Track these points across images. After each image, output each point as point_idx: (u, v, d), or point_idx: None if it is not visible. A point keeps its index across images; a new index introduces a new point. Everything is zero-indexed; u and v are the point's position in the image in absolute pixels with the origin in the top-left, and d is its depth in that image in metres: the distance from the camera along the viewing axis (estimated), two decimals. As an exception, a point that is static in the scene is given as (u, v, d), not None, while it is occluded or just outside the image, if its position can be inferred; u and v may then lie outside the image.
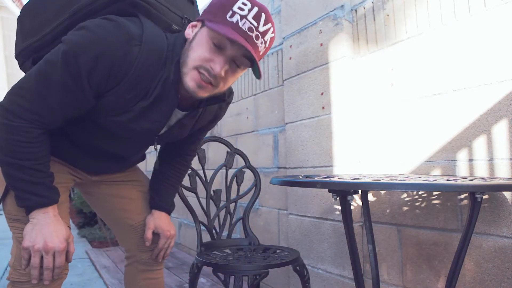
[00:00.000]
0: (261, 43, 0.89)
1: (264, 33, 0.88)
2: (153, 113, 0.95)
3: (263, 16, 0.87)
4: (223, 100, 1.05)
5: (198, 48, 0.88)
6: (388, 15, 1.55)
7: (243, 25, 0.85)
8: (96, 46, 0.83)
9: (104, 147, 1.08)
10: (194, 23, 0.93)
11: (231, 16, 0.85)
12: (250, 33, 0.85)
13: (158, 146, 1.15)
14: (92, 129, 1.01)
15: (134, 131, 0.98)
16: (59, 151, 1.06)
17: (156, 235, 1.22)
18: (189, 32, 0.93)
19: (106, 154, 1.10)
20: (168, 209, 1.27)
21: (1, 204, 1.03)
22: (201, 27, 0.90)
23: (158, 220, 1.22)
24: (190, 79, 0.88)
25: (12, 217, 1.00)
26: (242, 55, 0.88)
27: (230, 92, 1.18)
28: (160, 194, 1.26)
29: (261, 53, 0.91)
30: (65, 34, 0.88)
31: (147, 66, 0.88)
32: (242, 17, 0.85)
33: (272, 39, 0.93)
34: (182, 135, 1.13)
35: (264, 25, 0.87)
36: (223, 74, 0.88)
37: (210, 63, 0.87)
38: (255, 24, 0.86)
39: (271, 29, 0.91)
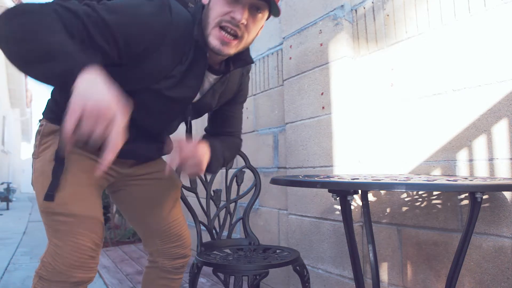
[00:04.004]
0: None
1: None
2: (189, 78, 1.00)
3: None
4: (250, 62, 1.07)
5: (215, 6, 0.93)
6: (388, 15, 1.55)
7: None
8: (136, 13, 0.90)
9: (136, 122, 0.99)
10: None
11: None
12: None
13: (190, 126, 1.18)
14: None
15: (171, 100, 1.01)
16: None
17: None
18: None
19: (138, 132, 1.05)
20: (214, 145, 1.10)
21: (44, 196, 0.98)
22: None
23: (194, 145, 1.02)
24: (213, 38, 0.93)
25: (47, 211, 0.98)
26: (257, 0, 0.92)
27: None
28: (212, 141, 1.12)
29: None
30: None
31: (180, 32, 0.94)
32: None
33: None
34: (212, 104, 1.15)
35: None
36: (245, 21, 0.91)
37: (230, 14, 0.91)
38: None
39: None
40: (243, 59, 1.05)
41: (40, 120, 1.12)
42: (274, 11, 0.96)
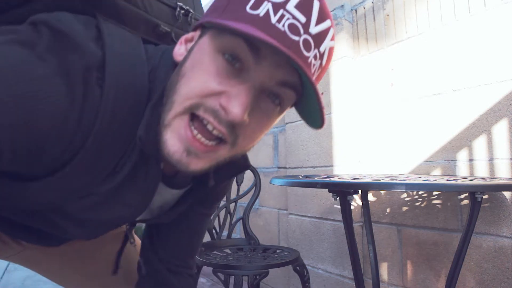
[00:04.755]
0: (315, 57, 0.46)
1: (319, 38, 0.45)
2: (126, 193, 0.54)
3: (316, 4, 0.45)
4: (244, 168, 0.63)
5: (196, 72, 0.45)
6: (388, 15, 1.55)
7: (278, 20, 0.43)
8: (17, 98, 0.39)
9: (52, 232, 0.64)
10: (189, 34, 0.51)
11: (255, 6, 0.43)
12: (294, 36, 0.43)
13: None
14: (30, 218, 0.59)
15: (95, 221, 0.58)
16: None
17: None
18: (180, 50, 0.51)
19: (55, 235, 0.67)
20: None
21: None
22: (199, 37, 0.49)
23: None
24: (172, 137, 0.46)
25: None
26: (280, 82, 0.46)
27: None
28: None
29: (315, 76, 0.48)
30: None
31: (115, 122, 0.45)
32: (276, 5, 0.43)
33: (331, 50, 0.49)
34: (168, 219, 0.69)
35: (318, 21, 0.45)
36: (246, 119, 0.45)
37: (221, 99, 0.44)
38: (302, 19, 0.44)
39: (331, 32, 0.47)
40: (232, 162, 0.54)
41: None
42: (312, 115, 0.48)
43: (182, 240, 0.73)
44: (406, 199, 1.45)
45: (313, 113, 0.48)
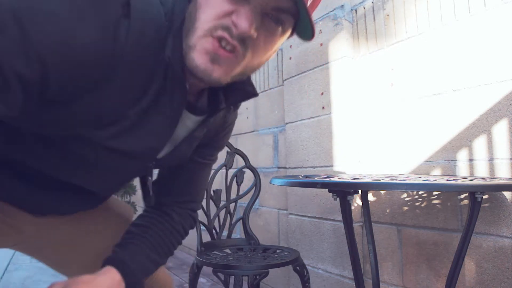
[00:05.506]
0: None
1: None
2: (153, 119, 0.62)
3: None
4: (253, 94, 0.70)
5: (210, 1, 0.56)
6: (388, 15, 1.55)
7: None
8: (60, 23, 0.48)
9: (66, 178, 0.69)
10: None
11: None
12: None
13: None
14: (48, 152, 0.64)
15: (122, 154, 0.63)
16: None
17: None
18: None
19: (68, 188, 0.72)
20: (128, 269, 0.70)
21: None
22: None
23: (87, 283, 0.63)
24: (198, 53, 0.55)
25: None
26: (276, 7, 0.56)
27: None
28: (126, 248, 0.75)
29: (309, 2, 0.59)
30: None
31: (142, 47, 0.55)
32: None
33: None
34: (187, 156, 0.77)
35: None
36: (254, 33, 0.55)
37: (232, 16, 0.54)
38: None
39: None
40: (241, 88, 0.67)
41: None
42: (304, 27, 0.59)
43: (189, 181, 0.84)
44: (406, 199, 1.45)
45: (307, 29, 0.59)
